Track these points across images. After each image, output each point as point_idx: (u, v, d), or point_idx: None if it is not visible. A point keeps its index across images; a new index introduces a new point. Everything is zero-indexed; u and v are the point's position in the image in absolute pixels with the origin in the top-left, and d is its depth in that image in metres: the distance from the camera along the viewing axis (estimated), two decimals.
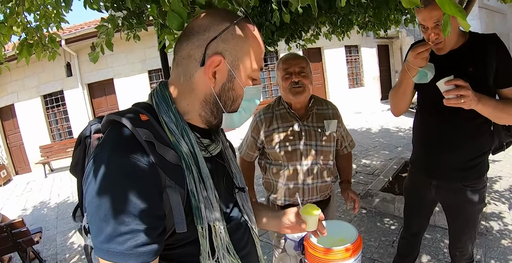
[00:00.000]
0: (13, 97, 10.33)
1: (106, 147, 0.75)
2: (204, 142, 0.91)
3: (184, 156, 0.82)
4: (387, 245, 3.29)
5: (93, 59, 2.59)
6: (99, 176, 0.71)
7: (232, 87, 0.88)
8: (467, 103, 1.45)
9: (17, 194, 8.12)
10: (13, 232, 3.53)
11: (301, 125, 1.98)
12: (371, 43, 13.83)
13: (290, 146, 1.96)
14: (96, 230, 0.71)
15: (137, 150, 0.75)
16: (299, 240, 1.48)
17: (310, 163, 1.98)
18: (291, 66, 1.93)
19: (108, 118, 0.83)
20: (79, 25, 10.24)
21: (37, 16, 2.83)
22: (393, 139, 7.70)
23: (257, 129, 2.03)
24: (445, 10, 0.72)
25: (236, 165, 1.09)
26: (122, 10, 2.41)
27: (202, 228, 0.82)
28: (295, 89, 1.90)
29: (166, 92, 0.88)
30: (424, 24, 1.58)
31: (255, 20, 3.48)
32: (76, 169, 0.86)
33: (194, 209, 0.81)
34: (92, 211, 0.71)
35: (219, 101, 0.88)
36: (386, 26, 4.92)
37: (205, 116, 0.90)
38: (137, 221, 0.70)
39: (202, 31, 0.84)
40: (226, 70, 0.85)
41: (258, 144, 2.07)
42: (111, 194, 0.70)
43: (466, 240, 2.01)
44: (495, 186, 4.37)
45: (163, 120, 0.84)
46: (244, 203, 1.05)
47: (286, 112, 2.00)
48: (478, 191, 1.85)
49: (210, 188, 0.86)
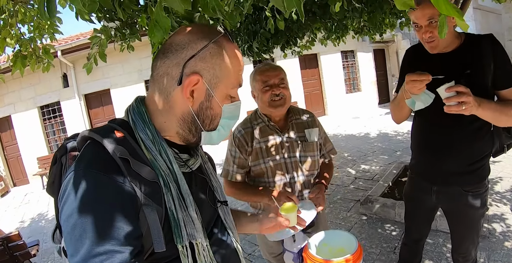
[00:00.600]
0: (10, 108, 10.32)
1: (81, 164, 0.74)
2: (183, 157, 0.90)
3: (162, 174, 0.81)
4: (389, 251, 3.25)
5: (86, 70, 2.57)
6: (73, 195, 0.71)
7: (210, 106, 0.87)
8: (468, 109, 1.42)
9: (15, 206, 8.06)
10: (9, 245, 3.48)
11: (282, 137, 1.90)
12: (367, 48, 13.90)
13: (274, 161, 1.88)
14: (73, 250, 0.69)
15: (112, 167, 0.74)
16: (298, 252, 1.45)
17: (296, 175, 1.90)
18: (270, 78, 1.84)
19: (82, 135, 0.82)
20: (75, 36, 10.27)
21: (31, 28, 2.82)
22: (392, 143, 7.67)
23: (242, 145, 1.90)
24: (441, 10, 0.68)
25: (216, 179, 1.08)
26: (115, 21, 2.39)
27: (182, 247, 0.80)
28: (275, 101, 1.83)
29: (142, 108, 0.88)
30: (417, 22, 1.58)
31: (249, 27, 3.49)
32: (52, 188, 0.84)
33: (173, 228, 0.80)
34: (68, 230, 0.70)
35: (197, 120, 0.87)
36: (382, 30, 4.94)
37: (183, 134, 0.89)
38: (112, 241, 0.68)
39: (180, 49, 0.83)
40: (204, 89, 0.84)
41: (249, 160, 1.93)
42: (85, 214, 0.69)
43: (468, 245, 1.97)
44: (496, 188, 4.33)
45: (139, 137, 0.83)
46: (227, 216, 1.05)
47: (265, 125, 1.92)
48: (480, 196, 1.81)
49: (190, 205, 0.84)
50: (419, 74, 1.48)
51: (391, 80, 15.03)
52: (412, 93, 1.58)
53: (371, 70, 14.28)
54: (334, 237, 1.46)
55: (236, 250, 1.03)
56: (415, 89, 1.53)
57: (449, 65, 1.65)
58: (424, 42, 1.66)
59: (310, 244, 1.40)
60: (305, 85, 12.75)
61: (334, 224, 4.02)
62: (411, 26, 4.93)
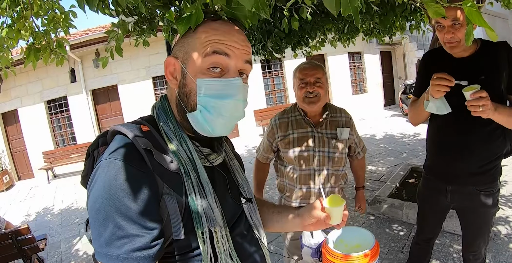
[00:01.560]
0: (16, 102, 10.34)
1: (108, 154, 0.78)
2: (204, 151, 0.92)
3: (182, 162, 0.84)
4: (397, 251, 3.27)
5: (102, 64, 2.60)
6: (99, 182, 0.75)
7: (185, 83, 0.86)
8: (485, 112, 1.49)
9: (20, 200, 8.10)
10: (18, 239, 3.48)
11: (314, 132, 2.03)
12: (374, 50, 13.86)
13: (303, 152, 2.01)
14: (96, 234, 0.73)
15: (135, 157, 0.78)
16: (316, 247, 1.46)
17: (321, 169, 2.02)
18: (307, 76, 1.96)
19: (112, 129, 0.85)
20: (83, 31, 10.29)
21: (45, 21, 2.83)
22: (398, 145, 7.67)
23: (273, 133, 2.09)
24: (473, 20, 0.73)
25: (243, 176, 1.08)
26: (133, 16, 2.42)
27: (202, 234, 0.82)
28: (309, 98, 1.95)
29: (165, 103, 0.93)
30: (441, 22, 1.59)
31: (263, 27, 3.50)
32: (85, 179, 0.87)
33: (193, 214, 0.81)
34: (92, 215, 0.74)
35: (181, 101, 0.87)
36: (391, 33, 4.94)
37: (183, 122, 0.90)
38: (134, 226, 0.72)
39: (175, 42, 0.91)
40: (179, 68, 0.87)
41: (273, 147, 2.13)
42: (109, 199, 0.72)
43: (479, 243, 2.02)
44: (502, 191, 4.32)
45: (162, 129, 0.88)
46: (252, 214, 1.05)
47: (301, 118, 2.06)
48: (492, 195, 1.87)
49: (210, 194, 0.86)
50: (446, 74, 1.53)
51: (397, 82, 15.00)
52: (433, 95, 1.61)
53: (377, 72, 14.24)
54: (350, 233, 1.47)
55: (261, 247, 1.03)
56: (437, 91, 1.57)
57: (465, 70, 1.69)
58: (444, 43, 1.70)
59: (328, 239, 1.42)
60: None
61: None
62: (421, 29, 4.98)
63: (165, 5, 2.05)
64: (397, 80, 15.04)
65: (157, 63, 10.34)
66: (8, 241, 3.45)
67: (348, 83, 13.50)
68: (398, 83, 14.79)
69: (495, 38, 0.85)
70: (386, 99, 14.68)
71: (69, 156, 10.05)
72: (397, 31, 4.91)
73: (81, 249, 4.57)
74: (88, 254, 4.31)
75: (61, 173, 10.26)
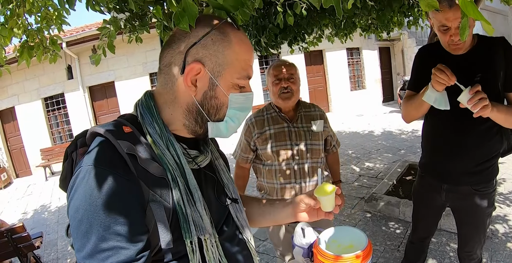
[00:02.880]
0: (13, 99, 10.32)
1: (88, 161, 0.73)
2: (191, 154, 0.89)
3: (169, 168, 0.80)
4: (393, 249, 3.25)
5: (95, 62, 2.57)
6: (80, 191, 0.70)
7: (214, 95, 0.84)
8: (486, 111, 1.47)
9: (18, 197, 8.09)
10: (13, 237, 3.48)
11: (291, 127, 2.09)
12: (372, 46, 13.83)
13: (281, 146, 2.06)
14: (79, 245, 0.69)
15: (119, 163, 0.74)
16: (308, 247, 1.44)
17: (300, 162, 2.07)
18: (280, 73, 2.06)
19: (91, 131, 0.80)
20: (80, 28, 10.25)
21: (38, 18, 2.79)
22: (396, 142, 7.66)
23: (249, 132, 2.14)
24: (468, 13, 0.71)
25: (228, 176, 1.06)
26: (125, 12, 2.38)
27: (191, 243, 0.79)
28: (284, 94, 2.04)
29: (150, 102, 0.87)
30: (447, 25, 1.54)
31: (258, 22, 3.46)
32: (65, 183, 0.84)
33: (181, 223, 0.79)
34: (74, 225, 0.70)
35: (202, 110, 0.85)
36: (389, 28, 4.92)
37: (190, 125, 0.88)
38: (118, 237, 0.68)
39: (183, 38, 0.83)
40: (207, 78, 0.83)
41: (251, 146, 2.16)
42: (91, 210, 0.68)
43: (474, 243, 1.99)
44: (500, 189, 4.32)
45: (147, 131, 0.82)
46: (238, 214, 1.03)
47: (276, 115, 2.13)
48: (488, 195, 1.85)
49: (198, 200, 0.83)
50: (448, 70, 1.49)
51: (395, 78, 14.97)
52: (434, 87, 1.56)
53: (376, 68, 14.22)
54: (343, 233, 1.45)
55: (248, 248, 1.01)
56: (437, 83, 1.52)
57: (462, 67, 1.65)
58: (448, 45, 1.65)
59: (320, 239, 1.40)
60: (310, 81, 12.73)
61: (338, 220, 4.02)
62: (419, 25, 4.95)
63: (157, 1, 2.02)
64: (396, 76, 15.01)
65: (153, 59, 10.31)
66: (3, 239, 3.45)
67: (347, 79, 13.49)
68: (397, 79, 14.76)
69: (492, 32, 0.82)
70: (385, 95, 14.66)
71: None
72: (395, 27, 4.88)
73: None
74: None
75: (58, 171, 10.20)
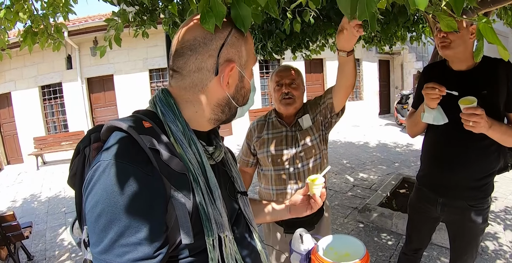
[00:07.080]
0: (10, 85, 10.22)
1: (109, 155, 0.71)
2: (209, 150, 0.89)
3: (191, 167, 0.79)
4: (384, 260, 3.27)
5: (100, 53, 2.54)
6: (101, 185, 0.69)
7: (243, 86, 0.91)
8: (477, 128, 1.52)
9: (7, 185, 8.00)
10: (2, 225, 3.43)
11: (288, 131, 2.05)
12: (372, 58, 13.90)
13: (277, 151, 2.03)
14: (95, 239, 0.68)
15: (141, 158, 0.72)
16: (306, 253, 1.44)
17: (295, 167, 2.02)
18: (282, 78, 2.01)
19: (109, 125, 0.78)
20: (82, 18, 10.22)
21: (45, 4, 2.76)
22: (391, 154, 7.69)
23: (250, 135, 2.16)
24: (487, 38, 0.75)
25: (236, 170, 1.07)
26: (135, 5, 2.37)
27: (213, 240, 0.79)
28: (285, 100, 1.98)
29: (170, 100, 0.85)
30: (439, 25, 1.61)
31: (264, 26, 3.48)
32: (74, 179, 0.82)
33: (204, 221, 0.78)
34: (92, 220, 0.69)
35: (233, 101, 0.90)
36: (392, 42, 4.97)
37: (215, 117, 0.90)
38: (137, 234, 0.67)
39: (209, 41, 0.83)
40: (237, 73, 0.88)
41: (251, 149, 2.16)
42: (112, 205, 0.67)
43: (467, 258, 2.01)
44: (491, 207, 4.34)
45: (169, 129, 0.81)
46: (246, 207, 1.04)
47: (276, 120, 2.09)
48: (482, 211, 1.89)
49: (218, 198, 0.83)
50: (436, 83, 1.59)
51: (393, 91, 15.05)
52: (428, 105, 1.67)
53: (374, 80, 14.28)
54: (341, 241, 1.45)
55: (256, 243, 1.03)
56: (431, 100, 1.62)
57: (464, 84, 1.72)
58: (439, 46, 1.74)
59: (319, 246, 1.39)
60: (309, 89, 12.74)
61: (331, 229, 3.99)
62: (421, 41, 5.01)
63: None
64: (394, 89, 15.09)
65: (154, 56, 10.28)
66: None
67: None
68: (395, 93, 14.83)
69: (507, 57, 0.84)
70: (381, 108, 14.73)
71: (60, 144, 9.97)
72: (398, 41, 4.95)
73: (66, 239, 4.49)
74: (73, 245, 4.22)
75: (50, 160, 10.16)
